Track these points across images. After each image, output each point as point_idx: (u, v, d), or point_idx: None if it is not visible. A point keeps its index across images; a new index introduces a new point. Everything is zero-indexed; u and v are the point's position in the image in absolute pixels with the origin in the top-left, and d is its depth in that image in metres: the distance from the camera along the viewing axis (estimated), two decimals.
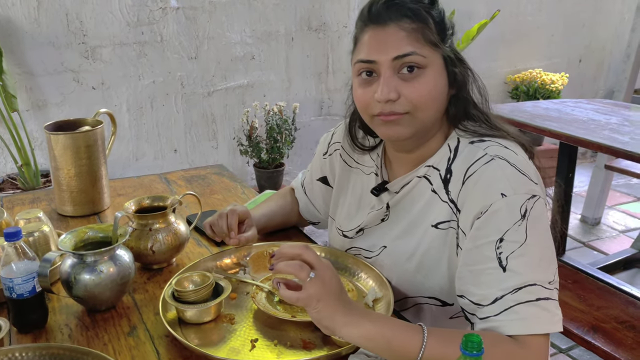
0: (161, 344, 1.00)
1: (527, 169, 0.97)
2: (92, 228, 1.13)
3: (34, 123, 3.01)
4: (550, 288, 0.92)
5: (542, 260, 0.93)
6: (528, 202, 0.93)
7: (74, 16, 2.96)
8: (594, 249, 3.32)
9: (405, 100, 0.98)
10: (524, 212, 0.92)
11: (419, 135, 1.04)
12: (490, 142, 1.02)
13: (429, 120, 1.02)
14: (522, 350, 0.88)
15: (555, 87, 4.18)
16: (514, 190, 0.93)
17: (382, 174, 1.17)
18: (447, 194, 1.03)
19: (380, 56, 0.98)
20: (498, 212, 0.93)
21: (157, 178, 1.84)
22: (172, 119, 3.38)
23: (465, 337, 0.69)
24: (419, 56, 0.97)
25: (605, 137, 2.12)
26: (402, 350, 0.87)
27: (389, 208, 1.13)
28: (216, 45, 3.38)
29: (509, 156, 0.98)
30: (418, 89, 0.98)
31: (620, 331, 1.74)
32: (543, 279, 0.92)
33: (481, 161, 0.98)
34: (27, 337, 1.02)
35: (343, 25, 3.73)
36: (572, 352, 2.38)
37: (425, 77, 0.98)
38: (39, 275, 1.01)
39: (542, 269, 0.92)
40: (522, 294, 0.90)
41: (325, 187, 1.35)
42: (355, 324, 0.88)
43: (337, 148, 1.30)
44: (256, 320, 1.06)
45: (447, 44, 1.01)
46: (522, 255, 0.91)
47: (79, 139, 1.47)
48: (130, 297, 1.15)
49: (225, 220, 1.23)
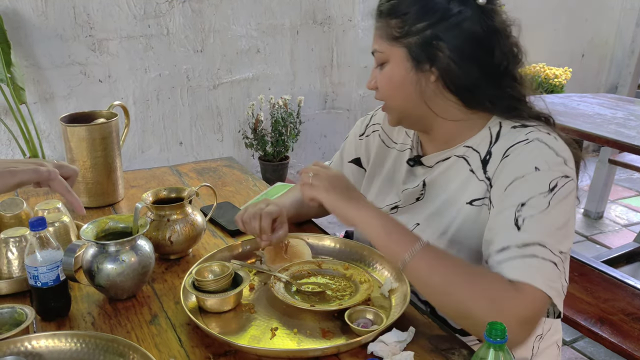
0: (183, 332, 1.01)
1: (565, 153, 1.01)
2: (113, 218, 1.15)
3: (41, 115, 3.03)
4: (558, 256, 0.94)
5: (558, 230, 0.95)
6: (560, 180, 0.97)
7: (81, 9, 2.97)
8: (597, 242, 3.34)
9: (378, 90, 1.12)
10: (553, 186, 0.96)
11: (412, 120, 1.12)
12: (532, 127, 1.04)
13: (402, 107, 1.10)
14: (514, 292, 0.90)
15: (559, 81, 4.19)
16: (549, 166, 0.98)
17: (417, 149, 1.22)
18: (484, 174, 1.06)
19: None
20: (528, 181, 0.97)
21: (168, 170, 1.86)
22: (177, 112, 3.39)
23: (489, 325, 0.71)
24: (378, 52, 1.10)
25: (612, 131, 2.14)
26: (396, 245, 0.98)
27: (425, 186, 1.15)
28: (222, 38, 3.39)
29: (549, 140, 1.01)
30: (381, 80, 1.10)
31: (627, 323, 1.76)
32: (555, 245, 0.94)
33: (521, 143, 1.02)
34: (51, 325, 1.04)
35: (348, 19, 3.74)
36: (577, 344, 2.41)
37: (386, 69, 1.09)
38: (64, 264, 1.03)
39: (556, 237, 0.94)
40: (529, 249, 0.93)
41: (358, 168, 1.38)
42: (358, 209, 1.02)
43: (376, 129, 1.33)
44: (275, 310, 1.08)
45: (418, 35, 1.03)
46: (540, 221, 0.94)
47: (94, 131, 1.48)
48: (149, 286, 1.17)
49: (258, 222, 1.19)
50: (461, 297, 0.92)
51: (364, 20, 3.79)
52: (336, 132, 3.95)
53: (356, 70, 3.89)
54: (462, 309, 0.93)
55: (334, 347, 0.94)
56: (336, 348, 0.95)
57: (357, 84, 3.92)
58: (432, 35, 1.03)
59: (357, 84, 3.92)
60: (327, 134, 3.93)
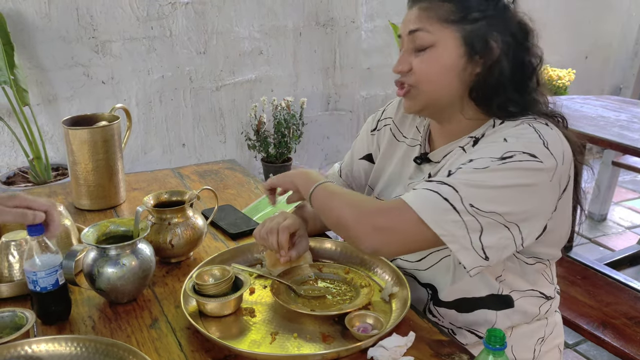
0: (183, 336, 1.01)
1: (552, 141, 0.98)
2: (114, 222, 1.15)
3: (44, 117, 3.03)
4: (464, 206, 0.93)
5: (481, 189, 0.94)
6: (519, 155, 0.95)
7: (85, 11, 2.97)
8: (600, 245, 3.33)
9: (413, 73, 1.07)
10: (507, 156, 0.95)
11: (437, 109, 1.10)
12: (533, 118, 1.04)
13: (436, 94, 1.07)
14: (380, 203, 1.05)
15: (562, 83, 4.18)
16: (516, 141, 0.97)
17: (425, 146, 1.21)
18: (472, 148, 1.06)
19: (403, 31, 1.09)
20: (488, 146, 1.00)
21: (170, 172, 1.86)
22: (180, 114, 3.40)
23: (488, 332, 0.71)
24: (424, 32, 1.04)
25: (615, 134, 2.13)
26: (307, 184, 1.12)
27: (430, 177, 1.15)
28: (224, 40, 3.39)
29: (540, 127, 1.00)
30: (423, 62, 1.06)
31: (630, 327, 1.75)
32: (467, 195, 0.94)
33: (511, 124, 1.03)
34: (52, 329, 1.04)
35: (351, 21, 3.74)
36: (579, 348, 2.40)
37: (432, 52, 1.04)
38: (64, 268, 1.03)
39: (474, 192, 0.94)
40: (436, 185, 0.97)
41: (369, 164, 1.37)
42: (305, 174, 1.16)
43: (387, 123, 1.33)
44: (275, 314, 1.08)
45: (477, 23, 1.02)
46: (468, 173, 0.96)
47: (96, 133, 1.48)
48: (150, 290, 1.17)
49: (275, 237, 1.16)
50: (338, 210, 1.04)
51: (367, 21, 3.79)
52: (339, 134, 3.95)
53: (359, 72, 3.89)
54: (337, 220, 1.04)
55: (334, 352, 0.95)
56: (336, 353, 0.95)
57: (359, 86, 3.92)
58: (489, 25, 1.03)
59: (360, 85, 3.92)
60: (330, 135, 3.93)
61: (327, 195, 1.08)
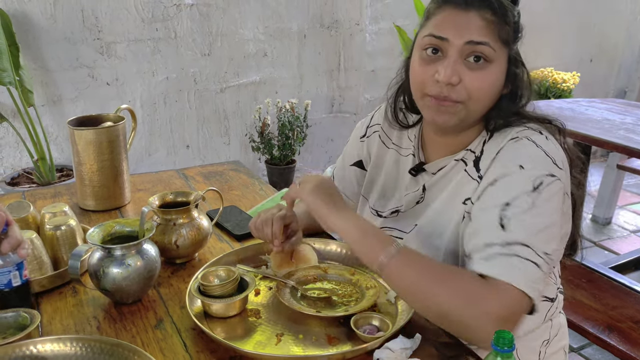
0: (188, 337, 1.01)
1: (553, 153, 0.99)
2: (119, 222, 1.15)
3: (49, 118, 3.04)
4: (542, 257, 0.93)
5: (542, 232, 0.93)
6: (545, 178, 0.95)
7: (90, 12, 2.98)
8: (605, 248, 3.32)
9: (464, 88, 0.99)
10: (537, 184, 0.95)
11: (463, 125, 1.06)
12: (524, 126, 1.04)
13: (478, 112, 1.04)
14: (491, 289, 0.90)
15: (567, 86, 4.17)
16: (533, 165, 0.96)
17: (418, 156, 1.18)
18: (477, 172, 1.05)
19: (454, 37, 0.98)
20: (511, 181, 0.97)
21: (175, 174, 1.86)
22: (184, 115, 3.40)
23: (497, 334, 0.70)
24: (490, 48, 0.98)
25: (620, 137, 2.13)
26: (371, 248, 0.97)
27: (425, 191, 1.15)
28: (229, 42, 3.39)
29: (538, 139, 1.00)
30: (480, 79, 0.99)
31: (635, 331, 1.75)
32: (539, 246, 0.93)
33: (511, 141, 1.01)
34: (56, 329, 1.04)
35: (355, 23, 3.74)
36: (584, 351, 2.39)
37: (490, 70, 0.99)
38: (70, 267, 1.03)
39: (540, 238, 0.93)
40: (512, 248, 0.92)
41: (360, 171, 1.35)
42: (338, 215, 1.01)
43: (376, 130, 1.30)
44: (281, 315, 1.07)
45: (516, 45, 1.03)
46: (524, 221, 0.93)
47: (101, 134, 1.48)
48: (155, 290, 1.16)
49: (270, 227, 1.17)
50: (437, 297, 0.91)
51: (372, 24, 3.79)
52: (343, 136, 3.94)
53: (363, 74, 3.89)
54: (439, 309, 0.92)
55: (339, 354, 0.94)
56: (342, 354, 0.94)
57: (364, 88, 3.92)
58: (517, 50, 1.04)
59: (364, 87, 3.92)
60: (334, 137, 3.93)
61: (415, 273, 0.94)
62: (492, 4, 0.98)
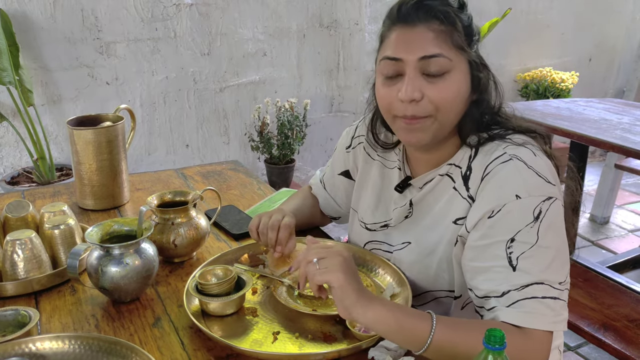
0: (185, 335, 1.02)
1: (544, 170, 0.98)
2: (117, 221, 1.16)
3: (49, 117, 3.05)
4: (559, 288, 0.94)
5: (553, 262, 0.94)
6: (543, 205, 0.95)
7: (89, 12, 2.99)
8: (602, 247, 3.33)
9: (429, 101, 0.99)
10: (537, 214, 0.94)
11: (437, 139, 1.06)
12: (509, 140, 1.03)
13: (449, 123, 1.03)
14: (527, 341, 0.91)
15: (566, 85, 4.18)
16: (529, 193, 0.95)
17: (404, 170, 1.19)
18: (467, 191, 1.05)
19: (407, 55, 0.98)
20: (511, 213, 0.95)
21: (173, 173, 1.87)
22: (184, 115, 3.41)
23: (488, 332, 0.71)
24: (445, 58, 0.98)
25: (617, 136, 2.14)
26: (412, 333, 0.90)
27: (412, 205, 1.15)
28: (228, 41, 3.40)
29: (527, 157, 0.99)
30: (443, 90, 0.99)
31: (631, 329, 1.76)
32: (552, 279, 0.94)
33: (499, 160, 1.00)
34: (55, 327, 1.05)
35: (354, 23, 3.75)
36: (581, 350, 2.40)
37: (451, 79, 0.99)
38: (68, 266, 1.04)
39: (552, 269, 0.94)
40: (529, 291, 0.93)
41: (348, 180, 1.36)
42: (368, 305, 0.90)
43: (360, 141, 1.31)
44: (277, 314, 1.08)
45: (473, 49, 1.03)
46: (533, 256, 0.94)
47: (100, 134, 1.49)
48: (153, 289, 1.18)
49: (275, 233, 1.18)
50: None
51: (371, 24, 3.80)
52: None
53: (362, 74, 3.89)
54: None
55: (335, 352, 0.95)
56: (337, 352, 0.95)
57: (363, 87, 3.93)
58: (477, 53, 1.03)
59: (364, 87, 3.92)
60: (333, 137, 3.94)
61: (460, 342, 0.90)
62: (438, 14, 0.98)
